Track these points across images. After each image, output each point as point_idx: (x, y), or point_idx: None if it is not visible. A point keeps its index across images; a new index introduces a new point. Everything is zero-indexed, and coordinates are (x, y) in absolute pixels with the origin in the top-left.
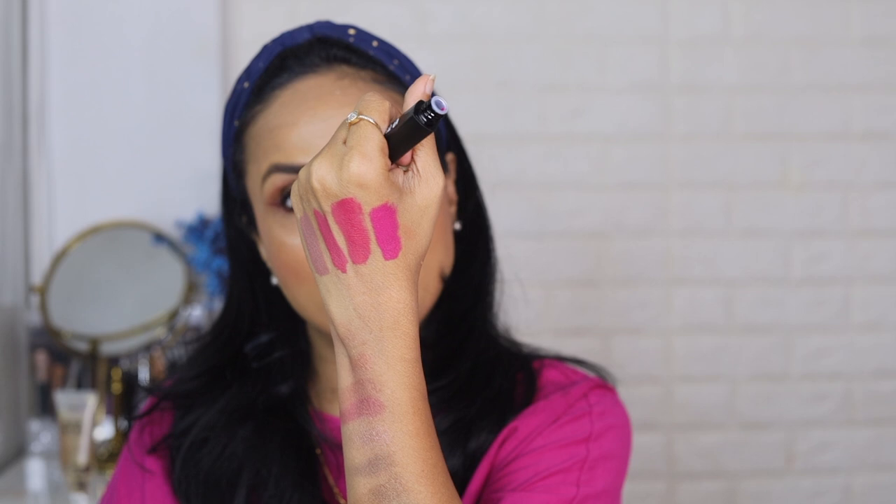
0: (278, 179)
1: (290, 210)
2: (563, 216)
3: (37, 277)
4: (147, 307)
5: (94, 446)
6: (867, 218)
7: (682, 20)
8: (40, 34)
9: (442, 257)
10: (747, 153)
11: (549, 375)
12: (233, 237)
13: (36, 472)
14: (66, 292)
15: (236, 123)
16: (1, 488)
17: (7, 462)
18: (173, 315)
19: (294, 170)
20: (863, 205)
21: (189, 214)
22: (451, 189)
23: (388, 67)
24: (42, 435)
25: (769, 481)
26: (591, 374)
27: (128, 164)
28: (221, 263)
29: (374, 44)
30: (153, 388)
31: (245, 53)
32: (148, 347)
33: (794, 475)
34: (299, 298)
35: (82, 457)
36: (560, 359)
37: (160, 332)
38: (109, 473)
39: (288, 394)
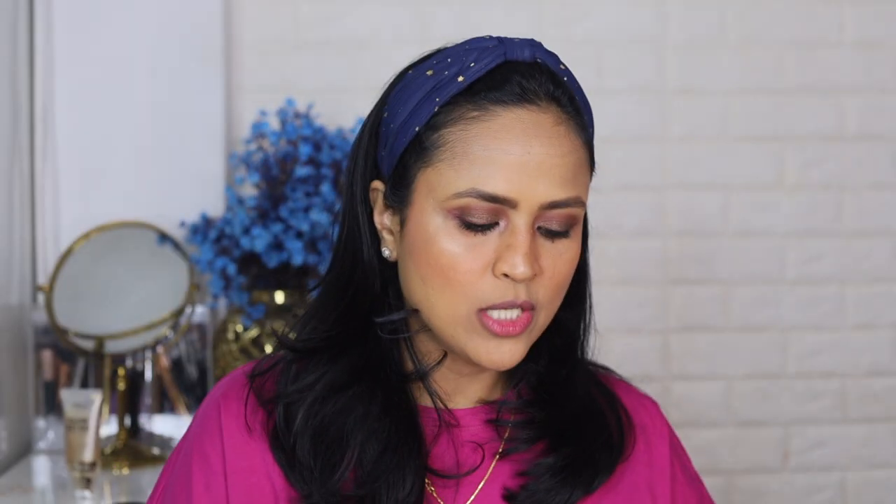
0: (474, 204)
1: (469, 225)
2: None
3: (42, 277)
4: (151, 306)
5: (100, 443)
6: (861, 218)
7: (679, 24)
8: (46, 37)
9: (563, 298)
10: (743, 154)
11: (629, 402)
12: (361, 195)
13: (42, 469)
14: (71, 291)
15: (436, 109)
16: (7, 485)
17: (13, 459)
18: (177, 314)
19: (494, 199)
20: (857, 205)
21: (193, 215)
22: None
23: (584, 117)
24: (48, 432)
25: (765, 478)
26: (632, 385)
27: (133, 165)
28: (225, 263)
29: (576, 85)
30: (286, 339)
31: (248, 56)
32: (153, 346)
33: (790, 472)
34: (433, 300)
35: (88, 454)
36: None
37: (164, 331)
38: (115, 470)
39: (409, 373)
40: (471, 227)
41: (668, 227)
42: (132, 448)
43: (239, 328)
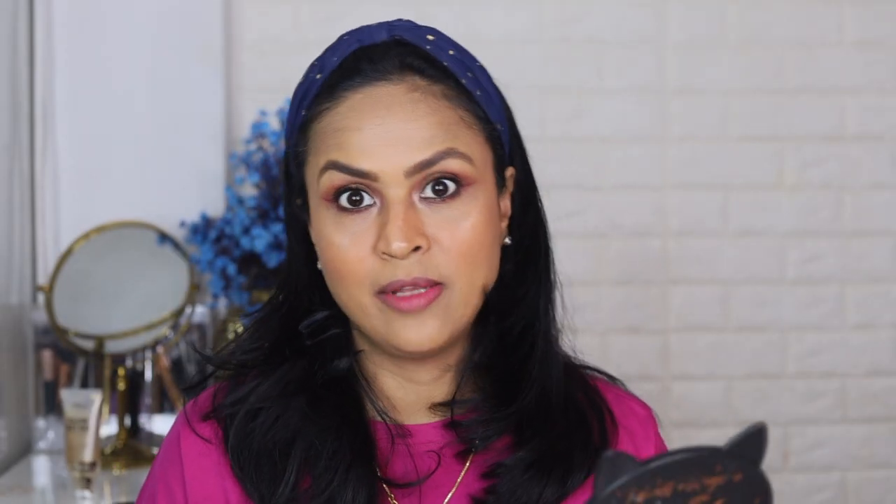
0: (335, 177)
1: (341, 208)
2: (561, 217)
3: (42, 277)
4: (151, 306)
5: (100, 443)
6: (861, 218)
7: (679, 24)
8: (46, 36)
9: (486, 272)
10: (743, 154)
11: (617, 404)
12: (290, 216)
13: (42, 469)
14: (71, 291)
15: (304, 113)
16: (8, 485)
17: (13, 459)
18: (177, 314)
19: (351, 171)
20: (857, 205)
21: (193, 215)
22: (506, 204)
23: (461, 81)
24: (48, 432)
25: None
26: (626, 390)
27: (132, 165)
28: (225, 263)
29: (451, 52)
30: (210, 357)
31: (248, 56)
32: (153, 346)
33: (790, 472)
34: (341, 297)
35: (88, 454)
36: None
37: (164, 331)
38: (115, 470)
39: (345, 369)
40: (344, 205)
41: (668, 227)
42: (132, 448)
43: (239, 328)
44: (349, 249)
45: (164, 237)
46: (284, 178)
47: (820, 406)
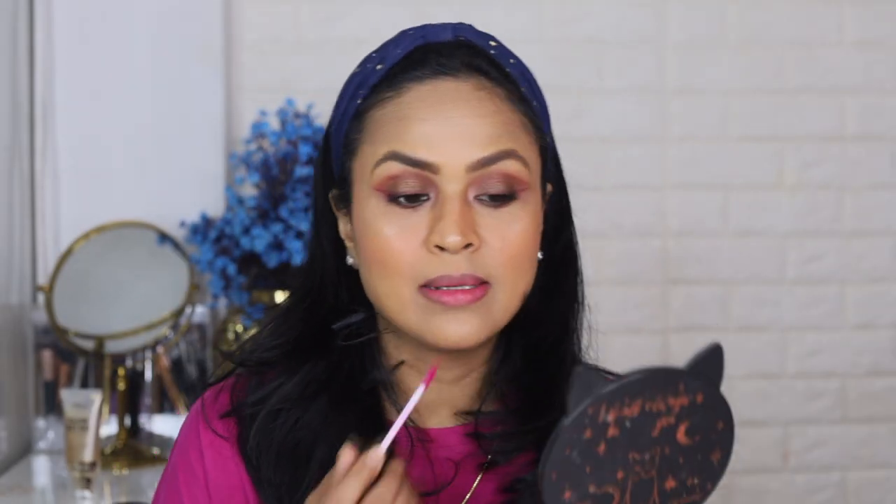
0: (393, 167)
1: (395, 201)
2: None
3: (42, 277)
4: (151, 306)
5: (100, 443)
6: (861, 218)
7: (679, 24)
8: (46, 37)
9: (528, 279)
10: (743, 154)
11: None
12: (321, 207)
13: (42, 469)
14: (71, 291)
15: (359, 101)
16: (8, 485)
17: (14, 459)
18: (177, 314)
19: (412, 162)
20: (857, 205)
21: (193, 215)
22: (540, 217)
23: (521, 88)
24: (48, 432)
25: (765, 478)
26: None
27: (132, 165)
28: (225, 263)
29: (512, 61)
30: (231, 354)
31: (248, 56)
32: (153, 346)
33: (790, 472)
34: (378, 289)
35: (88, 454)
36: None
37: (164, 331)
38: (115, 470)
39: (383, 380)
40: (401, 202)
41: (668, 227)
42: (132, 448)
43: (239, 328)
44: (397, 240)
45: (164, 237)
46: (321, 168)
47: (820, 406)
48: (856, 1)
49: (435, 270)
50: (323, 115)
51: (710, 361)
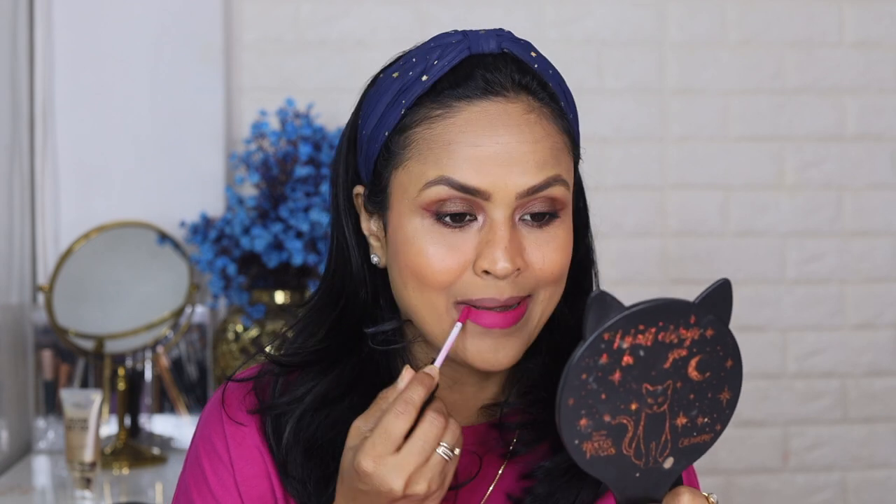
0: (443, 191)
1: (440, 220)
2: None
3: (42, 277)
4: (151, 306)
5: (100, 443)
6: (861, 218)
7: (679, 24)
8: (46, 37)
9: (562, 290)
10: (743, 154)
11: None
12: (344, 204)
13: (42, 469)
14: (71, 291)
15: (402, 112)
16: (8, 485)
17: (14, 459)
18: (177, 314)
19: (463, 188)
20: (857, 205)
21: (193, 215)
22: (572, 229)
23: (561, 104)
24: (48, 432)
25: (764, 478)
26: None
27: (132, 165)
28: (225, 263)
29: (551, 72)
30: (263, 354)
31: (248, 56)
32: (153, 346)
33: (789, 472)
34: (413, 300)
35: (88, 454)
36: None
37: (164, 331)
38: (115, 470)
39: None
40: (447, 221)
41: (668, 227)
42: (132, 448)
43: (239, 328)
44: (443, 260)
45: (164, 237)
46: (343, 164)
47: (820, 406)
48: (856, 1)
49: (480, 293)
50: (323, 115)
51: (719, 296)
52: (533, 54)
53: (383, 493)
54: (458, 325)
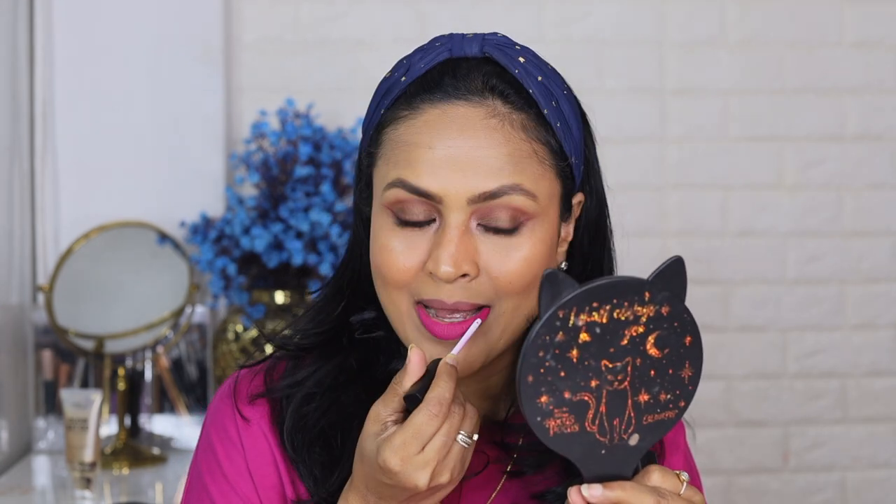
0: (400, 193)
1: (402, 224)
2: None
3: (42, 277)
4: (151, 306)
5: (100, 443)
6: (861, 218)
7: (679, 24)
8: (46, 37)
9: (534, 297)
10: (743, 154)
11: None
12: (358, 202)
13: (42, 469)
14: (71, 291)
15: (382, 112)
16: (8, 485)
17: (14, 459)
18: (177, 314)
19: (416, 191)
20: (857, 205)
21: (193, 215)
22: (568, 230)
23: (543, 111)
24: (48, 432)
25: (765, 478)
26: None
27: (132, 165)
28: (225, 263)
29: (539, 78)
30: (271, 337)
31: (248, 56)
32: (153, 346)
33: (790, 472)
34: (382, 297)
35: (88, 454)
36: None
37: (164, 331)
38: (115, 470)
39: (396, 367)
40: (406, 223)
41: (668, 227)
42: (132, 448)
43: (239, 328)
44: (399, 257)
45: (164, 237)
46: (356, 167)
47: (820, 406)
48: (856, 1)
49: (430, 293)
50: (323, 115)
51: (672, 272)
52: (521, 59)
53: (408, 489)
54: (478, 321)
